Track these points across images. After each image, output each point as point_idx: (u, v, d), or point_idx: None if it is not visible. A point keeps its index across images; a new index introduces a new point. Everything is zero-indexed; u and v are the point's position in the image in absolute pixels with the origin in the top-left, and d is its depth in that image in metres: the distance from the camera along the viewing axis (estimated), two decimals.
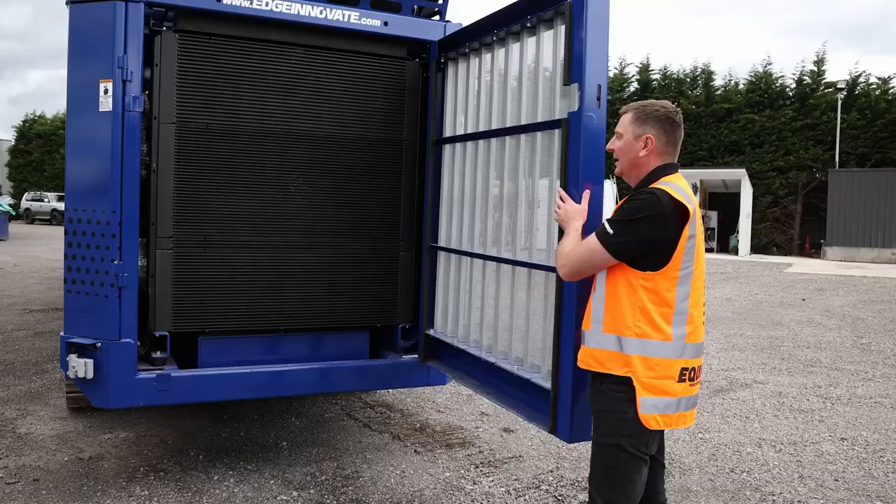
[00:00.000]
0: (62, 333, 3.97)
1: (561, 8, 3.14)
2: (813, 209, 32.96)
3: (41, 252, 21.10)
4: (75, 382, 4.02)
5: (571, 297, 2.96)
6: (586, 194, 2.92)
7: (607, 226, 2.62)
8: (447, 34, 4.42)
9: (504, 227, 3.73)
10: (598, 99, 2.97)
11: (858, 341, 10.31)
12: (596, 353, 2.70)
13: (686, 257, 2.61)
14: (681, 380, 2.65)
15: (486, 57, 3.92)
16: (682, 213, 2.58)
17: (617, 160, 2.85)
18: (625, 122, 2.81)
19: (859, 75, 33.78)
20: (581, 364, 2.80)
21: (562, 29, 3.16)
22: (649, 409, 2.60)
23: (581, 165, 2.95)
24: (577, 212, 2.87)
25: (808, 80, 34.31)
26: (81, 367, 3.86)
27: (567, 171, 3.02)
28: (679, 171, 2.78)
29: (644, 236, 2.57)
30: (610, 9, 3.00)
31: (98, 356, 3.87)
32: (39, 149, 51.19)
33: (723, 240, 32.90)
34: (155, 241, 4.07)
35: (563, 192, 2.97)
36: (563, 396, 3.04)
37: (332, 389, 4.80)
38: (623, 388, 2.62)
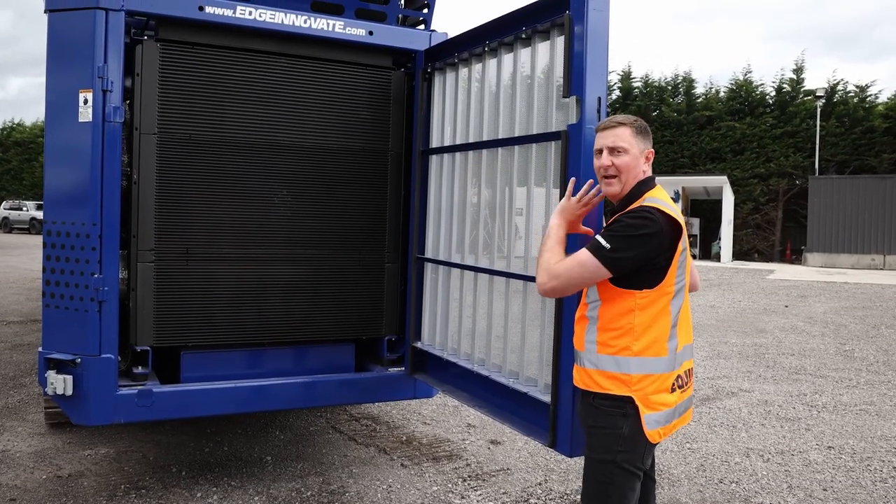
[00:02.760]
0: (40, 349, 3.88)
1: (559, 20, 3.10)
2: (793, 216, 33.27)
3: (19, 262, 20.79)
4: (54, 399, 3.93)
5: (571, 309, 2.91)
6: (571, 186, 2.82)
7: (602, 240, 2.51)
8: (433, 44, 4.39)
9: (496, 237, 3.69)
10: (598, 111, 2.94)
11: (842, 348, 10.36)
12: (592, 373, 2.64)
13: (679, 271, 2.59)
14: (673, 390, 2.64)
15: (476, 67, 3.88)
16: (675, 228, 2.55)
17: (614, 177, 2.67)
18: (627, 137, 2.64)
19: (837, 83, 34.21)
20: (578, 384, 2.74)
21: (558, 41, 3.13)
22: (653, 424, 2.57)
23: (582, 177, 2.89)
24: (577, 217, 2.81)
25: (787, 87, 34.70)
26: (60, 383, 3.77)
27: (566, 183, 2.98)
28: (657, 183, 2.74)
29: (643, 253, 2.50)
30: (609, 19, 2.96)
31: (77, 372, 3.78)
32: (18, 157, 50.64)
33: (705, 246, 33.11)
34: (136, 254, 3.99)
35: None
36: (563, 410, 3.00)
37: (318, 403, 4.73)
38: (617, 403, 2.58)
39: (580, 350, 2.71)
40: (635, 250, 2.50)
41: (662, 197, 2.64)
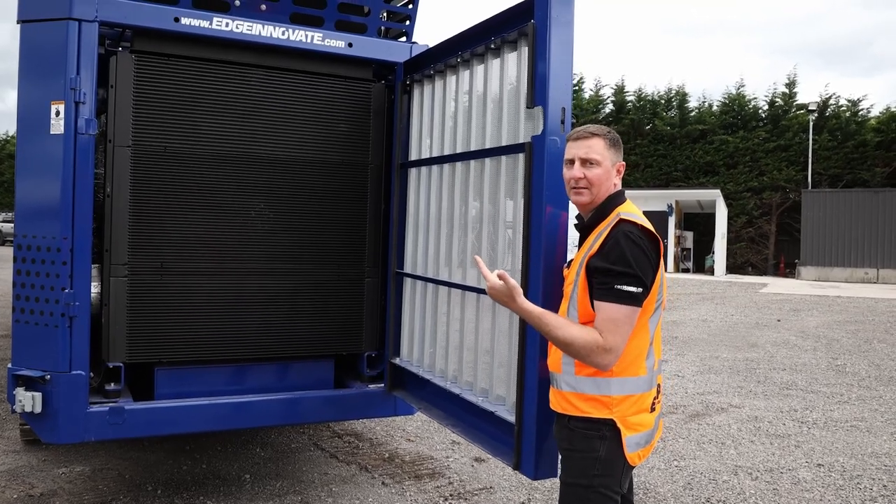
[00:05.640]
0: (10, 365, 3.79)
1: (524, 29, 3.06)
2: (787, 229, 33.34)
3: (9, 275, 20.63)
4: (23, 417, 3.83)
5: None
6: (505, 275, 2.50)
7: (629, 287, 2.38)
8: (413, 56, 4.33)
9: (469, 251, 3.62)
10: (563, 122, 2.88)
11: (833, 363, 10.30)
12: (569, 396, 2.55)
13: (660, 289, 2.52)
14: (652, 409, 2.58)
15: (451, 79, 3.83)
16: (657, 244, 2.49)
17: (585, 189, 2.59)
18: (600, 149, 2.57)
19: (829, 97, 34.38)
20: (555, 407, 2.64)
21: (525, 51, 3.08)
22: (633, 447, 2.49)
23: (545, 189, 2.86)
24: (515, 290, 2.51)
25: (779, 101, 34.85)
26: (29, 400, 3.68)
27: (531, 195, 2.93)
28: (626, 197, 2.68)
29: (652, 275, 2.45)
30: (574, 29, 2.92)
31: (47, 389, 3.69)
32: (12, 169, 50.54)
33: (698, 260, 33.13)
34: (109, 269, 3.91)
35: (483, 269, 2.60)
36: (528, 431, 2.92)
37: (295, 421, 4.63)
38: (594, 426, 2.49)
39: (556, 372, 2.61)
40: (651, 273, 2.44)
41: (635, 211, 2.58)
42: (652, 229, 2.49)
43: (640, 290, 2.40)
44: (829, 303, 19.04)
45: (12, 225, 40.43)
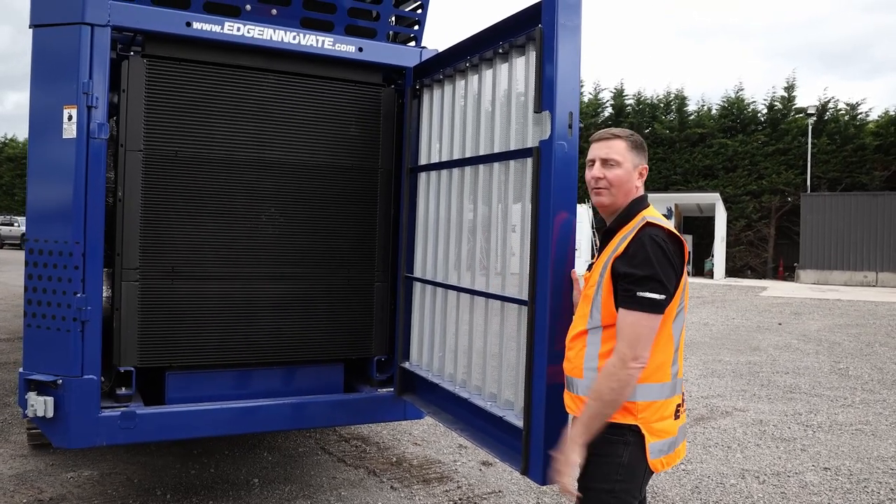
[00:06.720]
0: (21, 370, 3.79)
1: (532, 33, 3.07)
2: (786, 232, 33.38)
3: (9, 278, 20.62)
4: (34, 421, 3.83)
5: (543, 333, 2.86)
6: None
7: (653, 294, 2.38)
8: (422, 60, 4.35)
9: (478, 256, 3.63)
10: (570, 126, 2.89)
11: (836, 366, 10.31)
12: None
13: (683, 293, 2.53)
14: (676, 416, 2.57)
15: (461, 83, 3.84)
16: (682, 249, 2.49)
17: (604, 189, 2.61)
18: (622, 150, 2.59)
19: (828, 101, 34.44)
20: (573, 412, 2.64)
21: (532, 55, 3.10)
22: (656, 454, 2.49)
23: (552, 195, 2.87)
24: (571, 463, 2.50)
25: (778, 105, 34.91)
26: (41, 405, 3.67)
27: (539, 200, 2.94)
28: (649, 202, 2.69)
29: (675, 281, 2.45)
30: (581, 34, 2.93)
31: (58, 394, 3.69)
32: (10, 172, 50.61)
33: (698, 263, 33.15)
34: (120, 273, 3.91)
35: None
36: (536, 436, 2.92)
37: (305, 425, 4.64)
38: (618, 431, 2.48)
39: (576, 377, 2.59)
40: (675, 278, 2.44)
41: (658, 216, 2.59)
42: (677, 233, 2.50)
43: (662, 296, 2.39)
44: (830, 306, 19.06)
45: (10, 228, 40.49)
